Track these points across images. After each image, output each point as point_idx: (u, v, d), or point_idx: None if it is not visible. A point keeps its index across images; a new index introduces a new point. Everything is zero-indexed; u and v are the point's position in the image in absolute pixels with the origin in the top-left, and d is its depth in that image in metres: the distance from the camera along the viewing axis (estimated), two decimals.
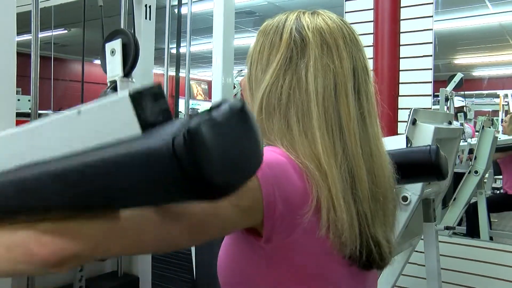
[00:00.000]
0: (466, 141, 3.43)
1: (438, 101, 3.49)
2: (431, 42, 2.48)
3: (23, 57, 1.57)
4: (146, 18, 1.84)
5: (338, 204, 0.67)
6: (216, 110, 0.39)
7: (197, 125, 0.37)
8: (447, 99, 3.69)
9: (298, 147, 0.70)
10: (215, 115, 0.38)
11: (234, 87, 4.41)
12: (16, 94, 1.41)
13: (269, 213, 0.64)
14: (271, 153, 0.68)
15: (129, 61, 1.37)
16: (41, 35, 1.66)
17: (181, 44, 3.00)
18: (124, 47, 1.36)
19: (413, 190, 1.69)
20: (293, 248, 0.67)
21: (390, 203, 0.77)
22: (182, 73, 3.18)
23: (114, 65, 1.38)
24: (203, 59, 8.72)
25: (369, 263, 0.71)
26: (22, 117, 1.52)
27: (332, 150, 0.70)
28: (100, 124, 0.41)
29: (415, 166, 1.18)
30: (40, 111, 1.52)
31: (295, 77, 0.72)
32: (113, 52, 1.37)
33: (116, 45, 1.37)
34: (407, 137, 1.34)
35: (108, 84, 1.38)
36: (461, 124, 3.85)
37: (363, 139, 0.73)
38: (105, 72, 1.42)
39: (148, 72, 1.85)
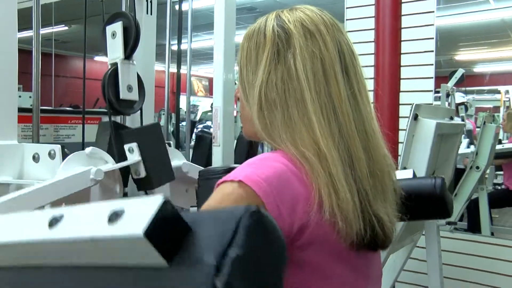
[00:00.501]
0: (469, 147, 3.41)
1: (439, 97, 3.49)
2: (433, 38, 2.47)
3: (24, 54, 1.57)
4: (147, 13, 1.83)
5: (340, 185, 0.69)
6: (237, 237, 0.38)
7: (227, 279, 0.36)
8: (448, 95, 3.69)
9: (297, 136, 0.72)
10: (237, 249, 0.37)
11: (236, 83, 4.41)
12: (18, 91, 1.42)
13: None
14: (269, 166, 0.69)
15: (130, 44, 1.37)
16: (42, 31, 1.66)
17: (182, 41, 3.00)
18: (125, 30, 1.36)
19: None
20: (306, 248, 0.69)
21: (387, 179, 0.78)
22: (184, 70, 3.19)
23: (115, 48, 1.38)
24: (204, 56, 8.71)
25: (374, 241, 0.72)
26: (24, 113, 1.52)
27: (329, 132, 0.72)
28: (117, 252, 0.40)
29: (417, 197, 1.01)
30: (42, 107, 1.53)
31: (285, 69, 0.75)
32: (114, 35, 1.37)
33: (117, 27, 1.37)
34: (414, 172, 1.28)
35: (109, 67, 1.39)
36: (462, 118, 3.85)
37: (356, 119, 0.75)
38: (107, 55, 1.42)
39: (150, 68, 1.85)
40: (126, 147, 1.35)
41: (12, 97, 1.34)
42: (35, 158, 1.32)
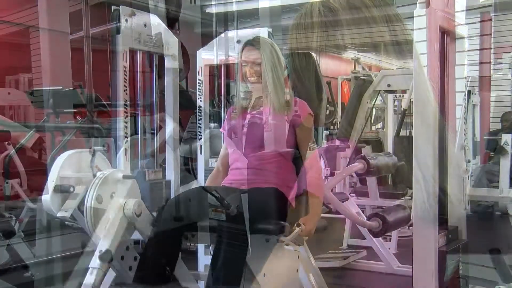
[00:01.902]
0: None
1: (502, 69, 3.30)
2: (491, 5, 2.33)
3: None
4: (191, 3, 1.87)
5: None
6: None
7: None
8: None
9: None
10: None
11: (286, 68, 4.36)
12: (78, 88, 1.51)
13: None
14: None
15: (173, 14, 1.40)
16: (97, 30, 1.73)
17: (230, 28, 3.01)
18: (167, 1, 1.40)
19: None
20: None
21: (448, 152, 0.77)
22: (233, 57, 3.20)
23: (158, 19, 1.41)
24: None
25: (442, 216, 0.71)
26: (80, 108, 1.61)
27: None
28: None
29: None
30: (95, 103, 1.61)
31: (335, 43, 0.75)
32: (156, 6, 1.41)
33: None
34: None
35: (153, 37, 1.42)
36: None
37: None
38: None
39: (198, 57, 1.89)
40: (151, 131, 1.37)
41: (67, 95, 1.43)
42: (91, 152, 1.39)
